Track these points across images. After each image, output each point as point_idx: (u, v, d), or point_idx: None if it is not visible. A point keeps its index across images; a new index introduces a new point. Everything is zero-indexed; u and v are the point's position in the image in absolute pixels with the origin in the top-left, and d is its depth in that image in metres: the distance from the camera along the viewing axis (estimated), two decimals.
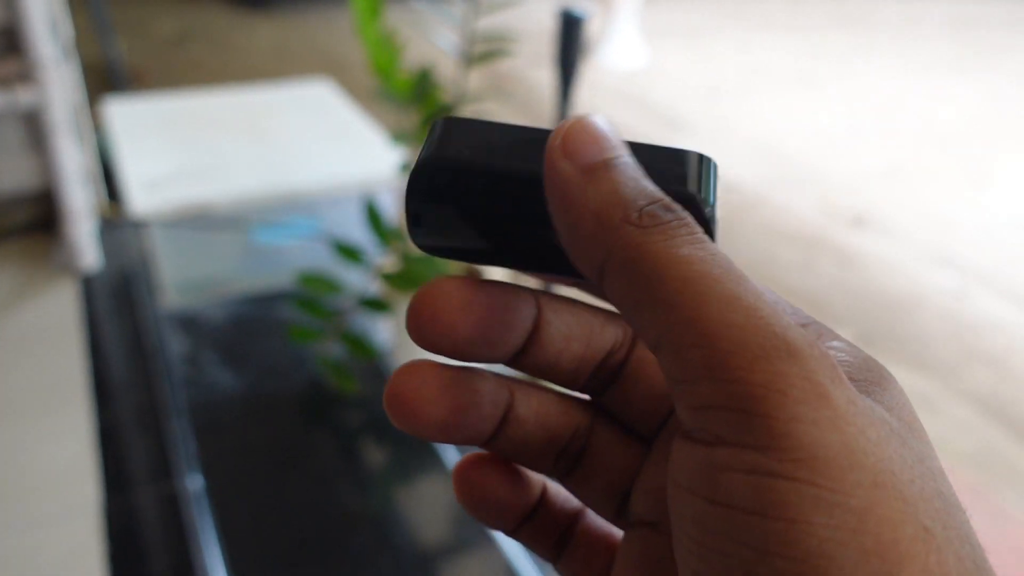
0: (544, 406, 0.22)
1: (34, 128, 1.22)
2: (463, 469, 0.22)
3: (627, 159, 0.18)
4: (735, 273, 0.17)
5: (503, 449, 0.22)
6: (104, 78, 2.58)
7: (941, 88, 3.42)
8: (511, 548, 0.92)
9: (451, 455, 1.04)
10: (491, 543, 0.93)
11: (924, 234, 2.25)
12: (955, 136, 2.94)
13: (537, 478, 0.23)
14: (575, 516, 0.23)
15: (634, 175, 0.18)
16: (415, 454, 1.06)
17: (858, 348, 0.19)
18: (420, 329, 0.20)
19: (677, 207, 0.18)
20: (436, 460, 1.04)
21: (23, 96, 1.14)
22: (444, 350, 0.20)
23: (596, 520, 0.23)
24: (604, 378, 0.22)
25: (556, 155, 0.18)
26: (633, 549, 0.21)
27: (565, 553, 0.23)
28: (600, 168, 0.18)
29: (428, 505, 1.01)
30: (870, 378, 0.18)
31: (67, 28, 1.34)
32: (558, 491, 0.23)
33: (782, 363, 0.15)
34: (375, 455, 1.09)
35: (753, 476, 0.15)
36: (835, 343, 0.19)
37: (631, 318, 0.17)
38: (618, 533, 0.23)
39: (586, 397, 0.23)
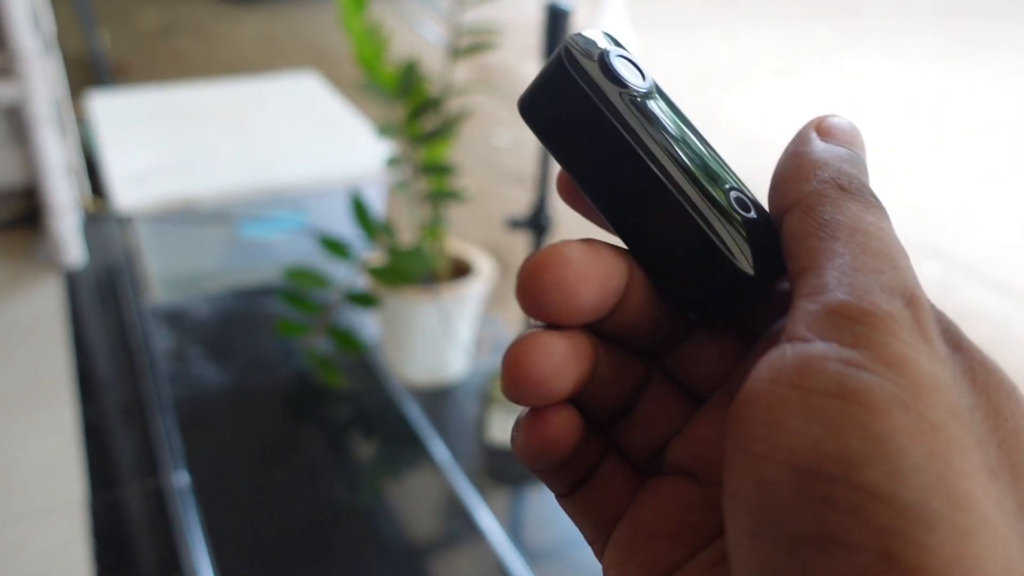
0: (615, 362, 0.23)
1: (16, 122, 1.21)
2: (536, 415, 0.22)
3: (864, 162, 0.22)
4: (899, 246, 0.19)
5: (577, 402, 0.22)
6: (88, 70, 2.56)
7: (929, 79, 3.43)
8: (501, 543, 0.92)
9: (440, 449, 1.04)
10: (480, 538, 0.93)
11: (911, 225, 2.26)
12: (944, 127, 2.95)
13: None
14: (599, 457, 0.24)
15: (865, 170, 0.21)
16: (403, 449, 1.06)
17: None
18: (541, 298, 0.20)
19: (877, 198, 0.21)
20: (425, 455, 1.04)
21: (4, 90, 1.12)
22: (562, 318, 0.21)
23: (618, 466, 0.24)
24: (671, 340, 0.23)
25: (811, 126, 0.22)
26: (662, 496, 0.22)
27: (581, 490, 0.23)
28: (841, 138, 0.22)
29: (416, 500, 1.00)
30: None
31: (49, 21, 1.33)
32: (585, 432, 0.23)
33: (901, 303, 0.18)
34: (362, 450, 1.09)
35: (842, 366, 0.17)
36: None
37: (795, 247, 0.20)
38: (637, 482, 0.23)
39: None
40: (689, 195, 0.21)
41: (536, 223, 1.09)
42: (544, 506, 1.01)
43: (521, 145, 2.59)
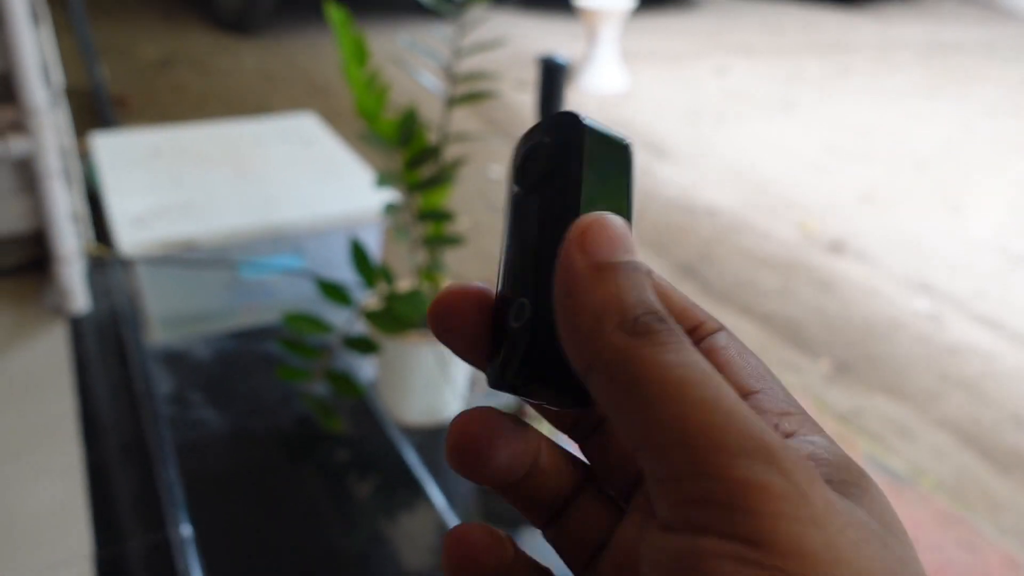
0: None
1: (25, 173, 1.23)
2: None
3: (637, 265, 0.19)
4: (715, 379, 0.18)
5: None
6: (88, 102, 2.59)
7: (917, 114, 3.47)
8: None
9: (435, 492, 1.05)
10: None
11: (900, 259, 2.28)
12: (930, 162, 2.99)
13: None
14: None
15: (639, 283, 0.19)
16: (401, 492, 1.08)
17: (837, 447, 0.20)
18: (461, 459, 0.22)
19: (670, 318, 0.19)
20: (422, 497, 1.06)
21: (16, 145, 1.15)
22: (477, 477, 0.22)
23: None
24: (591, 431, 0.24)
25: (573, 247, 0.19)
26: None
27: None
28: (609, 269, 0.19)
29: (413, 542, 1.02)
30: (848, 479, 0.19)
31: (57, 72, 1.35)
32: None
33: (761, 462, 0.17)
34: (361, 493, 1.10)
35: (740, 565, 0.16)
36: (815, 438, 0.20)
37: (615, 418, 0.18)
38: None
39: (583, 460, 0.25)
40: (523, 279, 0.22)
41: None
42: (538, 548, 1.02)
43: None
